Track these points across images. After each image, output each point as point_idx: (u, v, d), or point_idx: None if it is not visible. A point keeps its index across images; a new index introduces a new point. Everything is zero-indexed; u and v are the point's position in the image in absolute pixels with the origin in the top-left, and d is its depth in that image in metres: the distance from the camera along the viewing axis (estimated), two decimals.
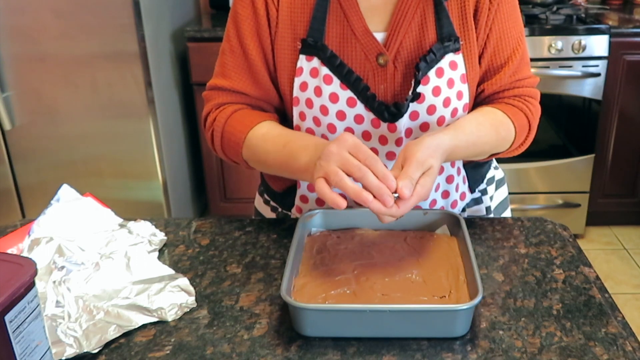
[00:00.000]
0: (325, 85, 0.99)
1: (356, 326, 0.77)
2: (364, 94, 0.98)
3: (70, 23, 2.21)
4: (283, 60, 1.02)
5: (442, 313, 0.77)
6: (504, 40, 1.04)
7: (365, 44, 1.00)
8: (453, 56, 1.00)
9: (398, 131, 1.00)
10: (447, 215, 0.97)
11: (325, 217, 0.98)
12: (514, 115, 1.04)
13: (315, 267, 0.88)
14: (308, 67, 1.00)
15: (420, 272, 0.86)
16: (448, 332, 0.77)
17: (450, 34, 1.00)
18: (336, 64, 0.98)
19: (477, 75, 1.04)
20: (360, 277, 0.85)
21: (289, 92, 1.03)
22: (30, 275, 0.65)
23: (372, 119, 1.00)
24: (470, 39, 1.02)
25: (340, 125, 1.01)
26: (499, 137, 1.02)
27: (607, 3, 3.11)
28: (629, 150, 2.78)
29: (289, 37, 1.01)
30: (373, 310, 0.76)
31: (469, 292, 0.81)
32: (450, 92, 1.00)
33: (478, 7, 1.02)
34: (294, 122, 1.05)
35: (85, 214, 0.99)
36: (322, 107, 1.00)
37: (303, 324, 0.77)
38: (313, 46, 0.99)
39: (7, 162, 2.40)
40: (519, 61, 1.05)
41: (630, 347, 0.75)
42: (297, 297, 0.81)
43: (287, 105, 1.05)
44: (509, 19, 1.04)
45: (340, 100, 0.99)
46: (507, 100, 1.06)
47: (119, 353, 0.76)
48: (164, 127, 2.49)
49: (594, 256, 2.78)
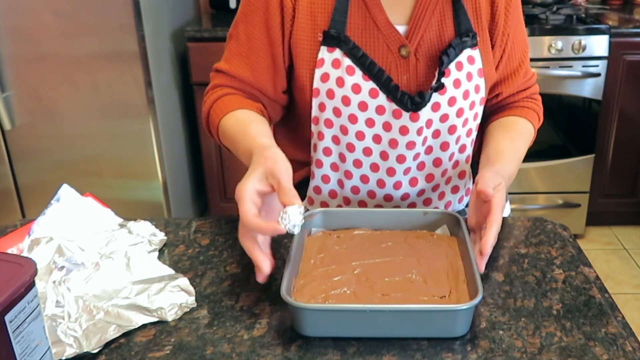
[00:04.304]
0: (347, 76, 1.01)
1: (356, 326, 0.77)
2: (386, 84, 1.01)
3: (70, 23, 2.21)
4: (302, 52, 1.04)
5: (442, 313, 0.77)
6: (516, 43, 1.10)
7: (388, 36, 1.02)
8: (470, 51, 1.04)
9: (420, 121, 1.02)
10: (446, 215, 0.97)
11: (325, 217, 0.98)
12: (531, 117, 1.13)
13: (315, 267, 0.88)
14: (330, 59, 1.02)
15: (420, 272, 0.86)
16: (448, 332, 0.77)
17: (468, 30, 1.03)
18: (359, 55, 1.00)
19: (492, 70, 1.08)
20: (360, 277, 0.85)
21: (309, 83, 1.04)
22: (30, 275, 0.65)
23: (393, 109, 1.02)
24: (484, 36, 1.06)
25: (361, 116, 1.03)
26: (527, 142, 1.12)
27: (607, 3, 3.11)
28: (629, 150, 2.78)
29: (309, 29, 1.03)
30: (373, 310, 0.76)
31: (469, 292, 0.81)
32: (469, 85, 1.04)
33: (495, 12, 1.06)
34: (312, 114, 1.06)
35: (85, 214, 0.99)
36: (343, 98, 1.02)
37: (303, 324, 0.77)
38: (335, 38, 1.01)
39: (7, 162, 2.40)
40: (528, 62, 1.13)
41: (630, 347, 0.75)
42: (297, 297, 0.80)
43: (304, 97, 1.06)
44: (519, 23, 1.10)
45: (363, 91, 1.01)
46: (522, 103, 1.15)
47: (119, 353, 0.76)
48: (164, 127, 2.49)
49: (594, 256, 2.78)
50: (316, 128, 1.07)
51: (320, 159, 1.09)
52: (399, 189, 1.08)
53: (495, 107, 1.16)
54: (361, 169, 1.07)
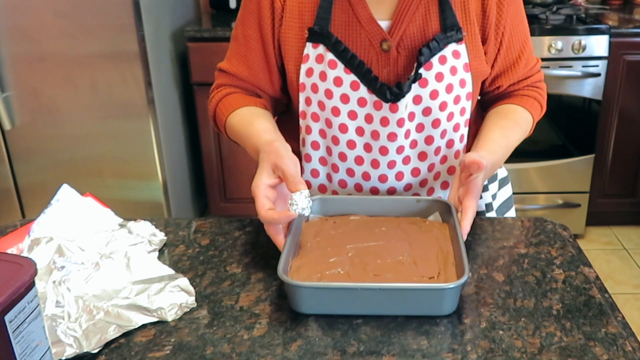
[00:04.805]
0: (330, 70, 1.04)
1: (349, 304, 0.80)
2: (367, 77, 1.03)
3: (70, 23, 2.21)
4: (290, 49, 1.07)
5: (429, 292, 0.80)
6: (514, 35, 1.10)
7: (370, 31, 1.04)
8: (456, 46, 1.04)
9: (400, 112, 1.03)
10: (439, 203, 1.00)
11: (322, 204, 1.01)
12: (531, 106, 1.13)
13: (311, 249, 0.91)
14: (314, 54, 1.05)
15: (411, 254, 0.89)
16: (436, 310, 0.81)
17: (453, 25, 1.04)
18: (340, 49, 1.03)
19: (482, 65, 1.08)
20: (354, 259, 0.88)
21: (296, 79, 1.08)
22: (30, 275, 0.65)
23: (374, 101, 1.03)
24: (472, 31, 1.06)
25: (343, 108, 1.05)
26: (522, 132, 1.12)
27: (607, 3, 3.11)
28: (629, 150, 2.78)
29: (296, 27, 1.06)
30: (365, 288, 0.80)
31: (457, 274, 0.84)
32: (453, 79, 1.04)
33: (485, 6, 1.06)
34: (300, 108, 1.10)
35: (85, 214, 0.99)
36: (326, 91, 1.05)
37: (299, 302, 0.81)
38: (319, 33, 1.04)
39: (7, 162, 2.40)
40: (529, 52, 1.13)
41: (630, 347, 0.75)
42: (294, 277, 0.84)
43: (294, 92, 1.10)
44: (516, 15, 1.09)
45: (344, 84, 1.03)
46: (522, 91, 1.14)
47: (119, 353, 0.76)
48: (164, 127, 2.49)
49: (594, 256, 2.78)
50: (304, 122, 1.10)
51: (309, 153, 1.12)
52: (385, 183, 1.10)
53: (496, 97, 1.16)
54: (347, 162, 1.09)
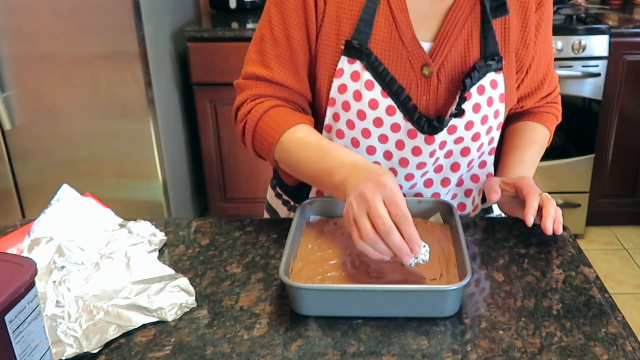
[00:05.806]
0: (365, 91, 0.97)
1: (350, 306, 0.80)
2: (405, 103, 0.97)
3: (70, 23, 2.21)
4: (324, 58, 1.00)
5: (432, 293, 0.80)
6: (542, 58, 1.08)
7: (412, 53, 0.98)
8: (494, 75, 1.00)
9: (435, 144, 0.99)
10: (440, 203, 1.00)
11: (323, 206, 1.00)
12: (549, 122, 1.15)
13: (312, 251, 0.91)
14: (349, 70, 0.98)
15: None
16: (438, 312, 0.80)
17: (494, 53, 0.99)
18: (380, 70, 0.96)
19: (513, 95, 1.06)
20: (356, 261, 0.88)
21: (326, 91, 1.00)
22: (30, 275, 0.65)
23: (409, 129, 0.99)
24: (510, 60, 1.02)
25: (375, 131, 0.99)
26: (543, 148, 1.14)
27: (607, 3, 3.11)
28: (629, 150, 2.78)
29: (333, 35, 0.98)
30: (366, 290, 0.79)
31: (459, 276, 0.84)
32: (489, 110, 1.00)
33: (526, 35, 1.03)
34: (325, 121, 1.03)
35: (85, 214, 0.99)
36: (359, 112, 0.98)
37: (300, 304, 0.80)
38: (357, 49, 0.96)
39: (7, 162, 2.40)
40: (552, 72, 1.13)
41: (630, 347, 0.75)
42: (295, 279, 0.84)
43: (320, 102, 1.03)
44: (546, 39, 1.07)
45: (380, 108, 0.97)
46: (542, 108, 1.15)
47: (119, 353, 0.76)
48: (164, 127, 2.49)
49: (594, 256, 2.78)
50: (328, 136, 1.04)
51: None
52: None
53: (516, 115, 1.16)
54: None
